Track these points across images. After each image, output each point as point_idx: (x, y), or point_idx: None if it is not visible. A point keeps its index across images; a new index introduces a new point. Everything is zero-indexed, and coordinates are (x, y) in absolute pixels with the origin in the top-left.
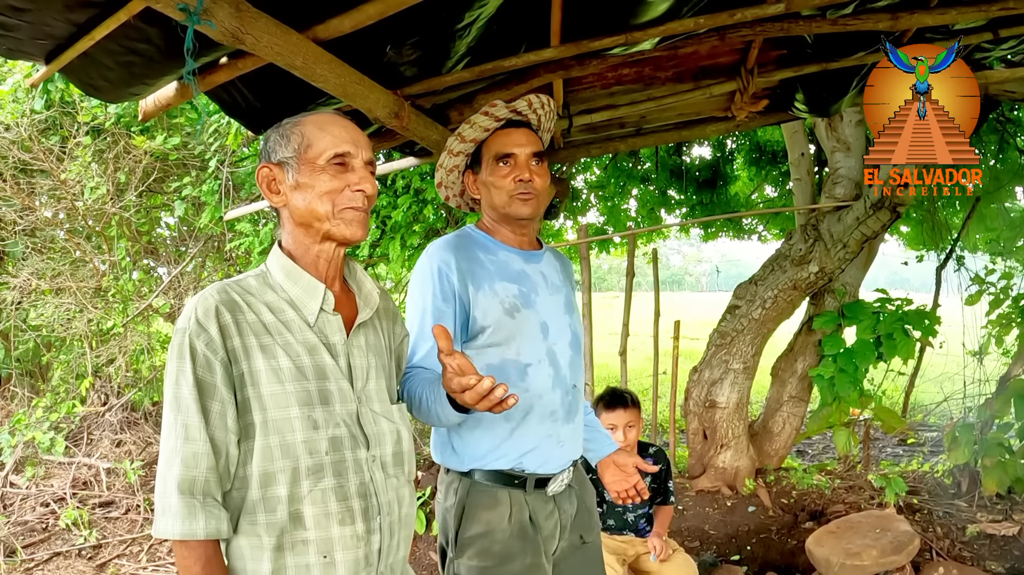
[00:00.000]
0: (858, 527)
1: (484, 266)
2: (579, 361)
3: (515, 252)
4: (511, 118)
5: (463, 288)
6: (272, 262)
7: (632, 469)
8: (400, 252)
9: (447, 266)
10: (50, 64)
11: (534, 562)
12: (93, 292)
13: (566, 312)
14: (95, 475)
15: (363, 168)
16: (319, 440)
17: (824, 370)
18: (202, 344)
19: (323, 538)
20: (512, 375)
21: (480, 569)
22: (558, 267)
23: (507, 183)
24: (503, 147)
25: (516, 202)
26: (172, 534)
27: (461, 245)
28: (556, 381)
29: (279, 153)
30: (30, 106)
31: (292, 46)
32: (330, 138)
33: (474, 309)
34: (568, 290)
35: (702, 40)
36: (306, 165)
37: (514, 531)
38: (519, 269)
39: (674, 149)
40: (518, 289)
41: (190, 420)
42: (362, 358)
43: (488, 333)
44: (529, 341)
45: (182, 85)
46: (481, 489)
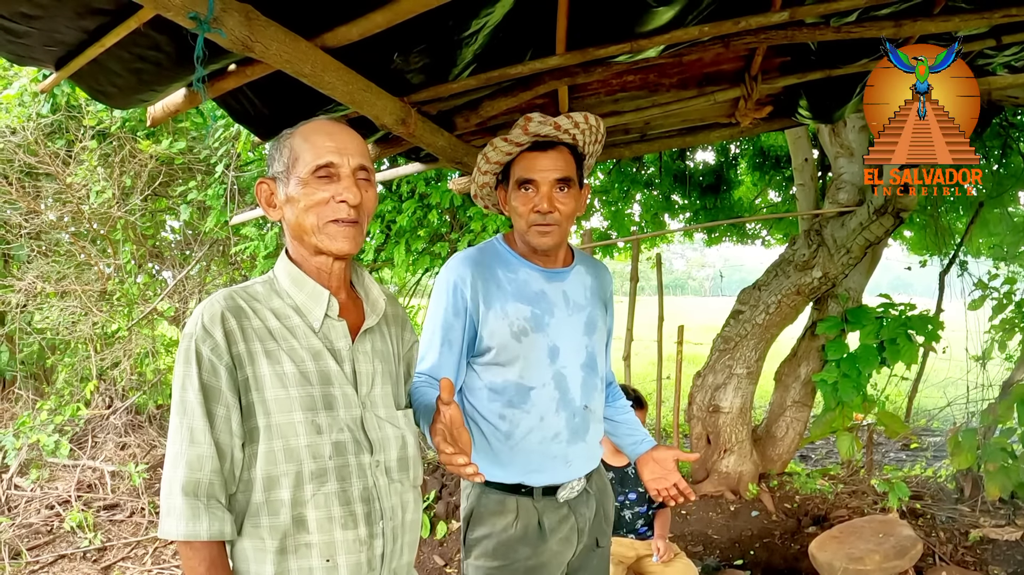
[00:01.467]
0: (861, 532)
1: (501, 285)
2: (593, 381)
3: (537, 271)
4: (540, 139)
5: (475, 306)
6: (279, 268)
7: (672, 464)
8: (405, 257)
9: (462, 281)
10: (60, 71)
11: (538, 563)
12: (98, 295)
13: (584, 333)
14: (99, 478)
15: (349, 177)
16: (323, 445)
17: (827, 375)
18: (208, 349)
19: (326, 542)
20: (514, 396)
21: (485, 569)
22: (588, 283)
23: (526, 212)
24: (525, 172)
25: (534, 233)
26: (176, 535)
27: (482, 261)
28: (562, 404)
29: (274, 167)
30: (36, 110)
31: (301, 54)
32: (314, 149)
33: (482, 328)
34: (593, 308)
35: (707, 48)
36: (294, 179)
37: (518, 534)
38: (538, 290)
39: (678, 154)
40: (531, 311)
41: (195, 424)
42: (367, 364)
43: (493, 353)
44: (534, 365)
45: (191, 91)
46: (490, 495)
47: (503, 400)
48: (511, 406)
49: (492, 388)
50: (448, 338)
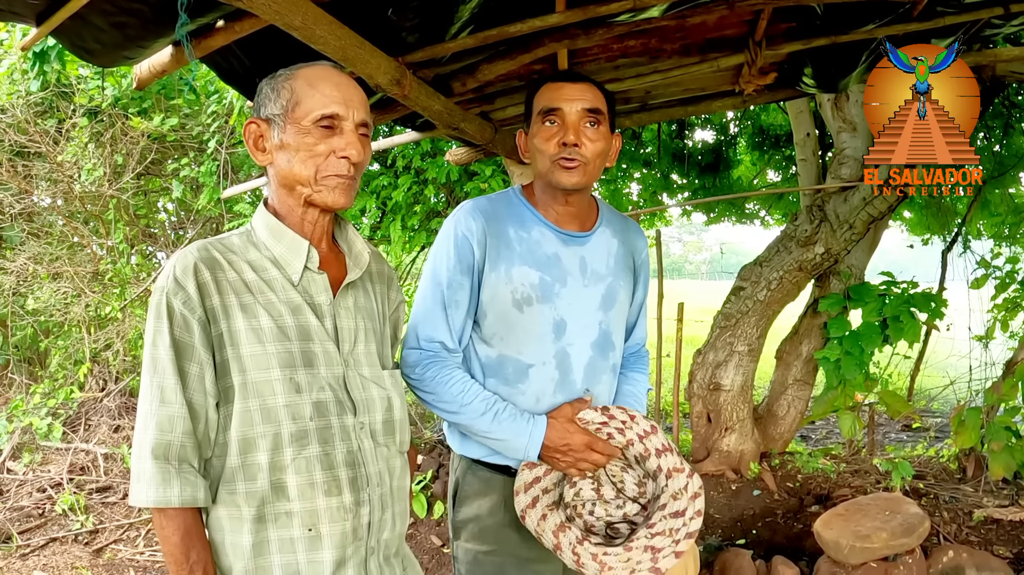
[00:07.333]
0: (867, 510)
1: (510, 244)
2: (601, 364)
3: (553, 230)
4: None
5: (480, 265)
6: (257, 220)
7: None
8: (401, 233)
9: (471, 234)
10: (41, 26)
11: (535, 555)
12: (91, 277)
13: (600, 307)
14: (92, 461)
15: (352, 132)
16: (302, 404)
17: (830, 352)
18: (179, 303)
19: (308, 510)
20: (511, 375)
21: (474, 553)
22: (613, 248)
23: (550, 146)
24: (550, 101)
25: (557, 170)
26: (146, 501)
27: (493, 214)
28: (560, 386)
29: (268, 108)
30: (26, 87)
31: (291, 4)
32: (319, 97)
33: (483, 290)
34: (616, 279)
35: (710, 10)
36: (292, 124)
37: (507, 519)
38: (551, 253)
39: (676, 132)
40: (539, 277)
41: (166, 382)
42: (350, 320)
43: (488, 322)
44: (535, 340)
45: (177, 50)
46: (477, 473)
47: (498, 378)
48: (507, 384)
49: (487, 364)
50: (456, 298)
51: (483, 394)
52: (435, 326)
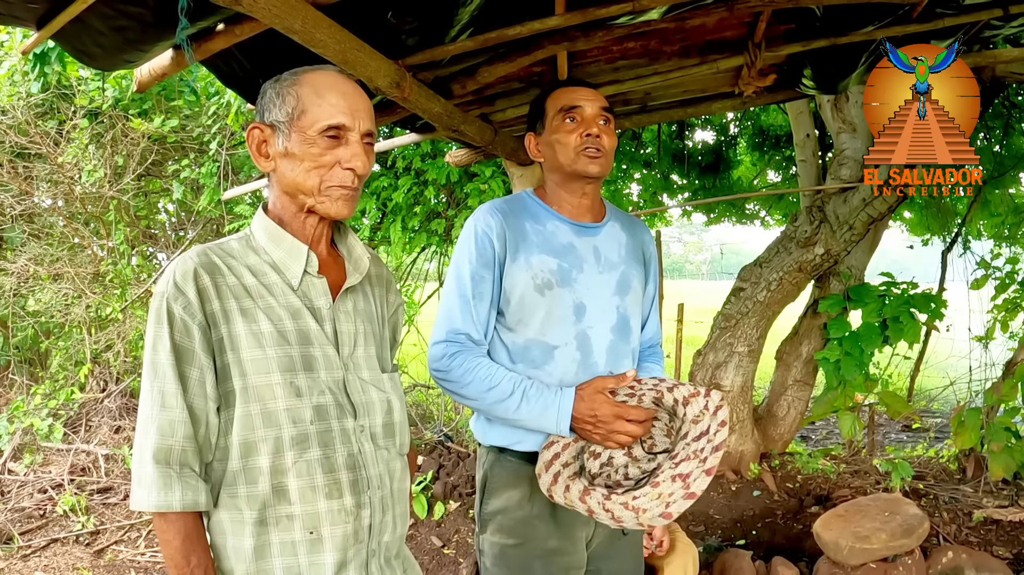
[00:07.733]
0: (867, 510)
1: (527, 236)
2: (623, 347)
3: (566, 223)
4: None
5: (502, 255)
6: (256, 224)
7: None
8: (401, 234)
9: (490, 229)
10: (42, 30)
11: (559, 546)
12: (91, 278)
13: (616, 293)
14: (93, 461)
15: (358, 143)
16: (303, 408)
17: (830, 353)
18: (180, 308)
19: (309, 512)
20: (537, 357)
21: (500, 546)
22: (623, 240)
23: (573, 139)
24: (569, 100)
25: (583, 159)
26: (147, 506)
27: (509, 211)
28: (582, 368)
29: (272, 114)
30: (27, 89)
31: (291, 8)
32: (326, 107)
33: (505, 280)
34: (628, 267)
35: (710, 11)
36: (297, 133)
37: (535, 511)
38: (566, 242)
39: (676, 133)
40: (557, 264)
41: (167, 387)
42: (349, 323)
43: (512, 308)
44: (557, 322)
45: (178, 54)
46: (505, 465)
47: (526, 362)
48: (534, 367)
49: (514, 350)
50: (479, 290)
51: (509, 375)
52: (461, 319)
